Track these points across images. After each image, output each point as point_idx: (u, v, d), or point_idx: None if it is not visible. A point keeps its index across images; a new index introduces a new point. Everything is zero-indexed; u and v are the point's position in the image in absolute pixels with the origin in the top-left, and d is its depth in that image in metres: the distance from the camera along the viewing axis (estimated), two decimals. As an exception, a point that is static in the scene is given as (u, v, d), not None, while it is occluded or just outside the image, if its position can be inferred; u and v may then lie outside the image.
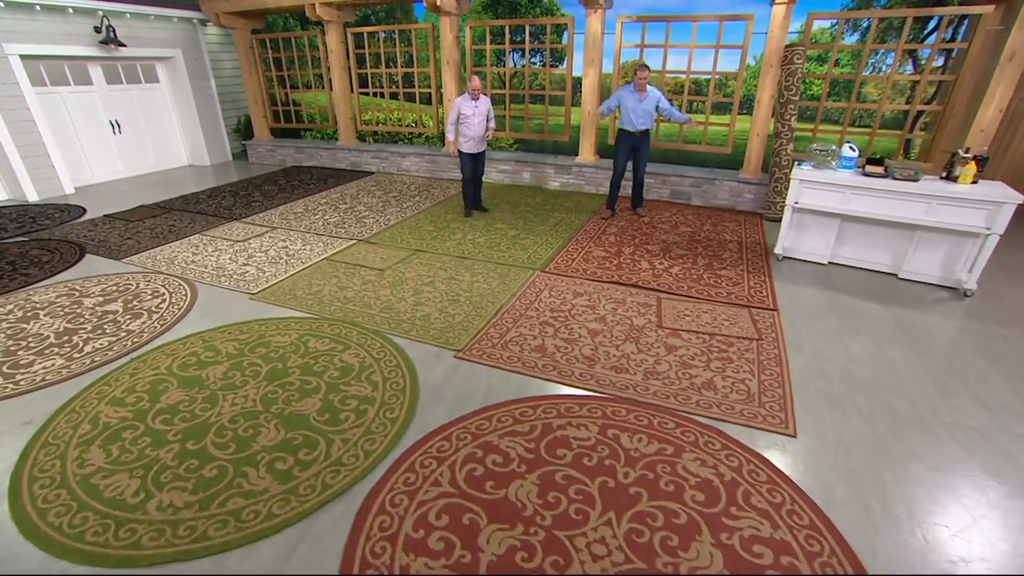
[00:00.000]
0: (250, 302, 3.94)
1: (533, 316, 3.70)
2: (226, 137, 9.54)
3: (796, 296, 4.10)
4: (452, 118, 5.61)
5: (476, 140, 5.68)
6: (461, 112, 5.53)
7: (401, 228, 5.63)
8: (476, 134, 5.63)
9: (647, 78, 5.23)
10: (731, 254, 4.93)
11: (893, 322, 3.71)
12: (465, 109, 5.53)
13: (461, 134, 5.65)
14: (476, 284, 4.21)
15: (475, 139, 5.67)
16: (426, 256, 4.82)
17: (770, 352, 3.30)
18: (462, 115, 5.54)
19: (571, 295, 4.03)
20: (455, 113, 5.56)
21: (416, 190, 7.29)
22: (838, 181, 4.31)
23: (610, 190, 5.90)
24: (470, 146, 5.71)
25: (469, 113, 5.54)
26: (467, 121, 5.56)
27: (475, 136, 5.64)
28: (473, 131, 5.60)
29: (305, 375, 3.02)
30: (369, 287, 4.17)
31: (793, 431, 2.60)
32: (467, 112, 5.53)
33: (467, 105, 5.53)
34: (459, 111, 5.54)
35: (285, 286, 4.20)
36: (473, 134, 5.62)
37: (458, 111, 5.54)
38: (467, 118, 5.55)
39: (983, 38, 5.14)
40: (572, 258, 4.77)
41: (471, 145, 5.70)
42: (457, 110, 5.54)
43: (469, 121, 5.56)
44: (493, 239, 5.26)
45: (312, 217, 6.05)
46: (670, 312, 3.78)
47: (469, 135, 5.63)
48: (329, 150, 8.77)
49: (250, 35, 8.58)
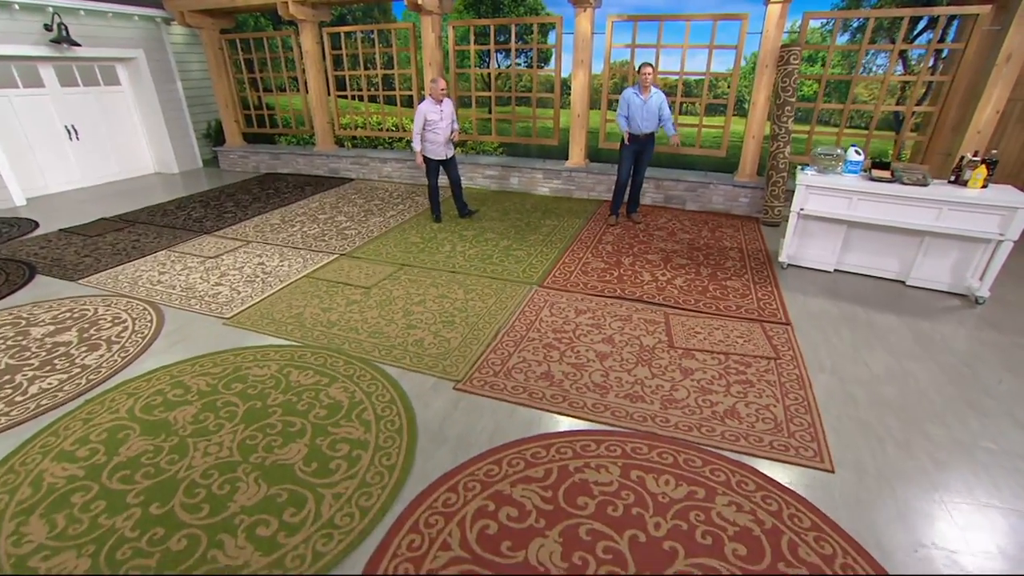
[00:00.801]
0: (224, 328, 3.58)
1: (535, 338, 3.43)
2: (196, 143, 9.04)
3: (807, 308, 3.92)
4: (418, 126, 5.26)
5: (443, 145, 5.39)
6: (428, 119, 5.22)
7: (386, 240, 5.30)
8: (443, 139, 5.35)
9: (651, 75, 5.03)
10: (734, 263, 4.74)
11: (910, 334, 3.56)
12: (432, 115, 5.23)
13: (428, 141, 5.35)
14: (471, 302, 3.93)
15: (443, 144, 5.38)
16: (414, 271, 4.51)
17: (791, 372, 3.10)
18: (429, 122, 5.24)
19: (573, 312, 3.77)
20: (421, 120, 5.22)
21: (399, 198, 6.96)
22: (845, 186, 4.15)
23: (614, 196, 5.71)
24: (438, 152, 5.41)
25: (436, 119, 5.25)
26: (435, 127, 5.28)
27: (442, 141, 5.35)
28: (441, 136, 5.32)
29: (288, 415, 2.69)
30: (355, 308, 3.85)
31: (830, 465, 2.38)
32: (434, 118, 5.24)
33: (433, 111, 5.23)
34: (425, 118, 5.22)
35: (262, 308, 3.85)
36: (441, 140, 5.34)
37: (424, 118, 5.22)
38: (434, 124, 5.26)
39: (979, 38, 5.07)
40: (570, 270, 4.52)
41: (437, 151, 5.41)
42: (423, 117, 5.21)
43: (437, 127, 5.28)
44: (484, 250, 4.98)
45: (290, 229, 5.67)
46: (680, 329, 3.56)
47: (437, 141, 5.34)
48: (306, 156, 8.37)
49: (218, 35, 8.12)
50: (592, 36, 6.14)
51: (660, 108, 5.15)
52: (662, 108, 5.15)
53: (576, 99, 6.47)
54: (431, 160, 5.48)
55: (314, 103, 7.91)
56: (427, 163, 5.49)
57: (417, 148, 5.38)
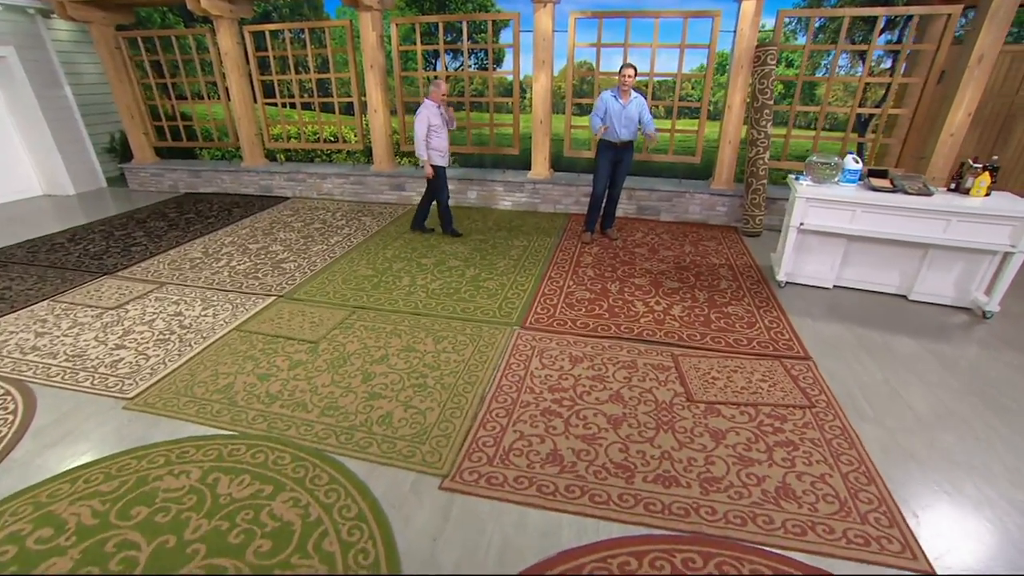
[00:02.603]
0: (124, 415, 2.73)
1: (530, 402, 2.82)
2: (96, 159, 7.76)
3: (819, 334, 3.55)
4: (421, 133, 4.78)
5: (447, 150, 5.01)
6: (431, 123, 4.80)
7: (331, 274, 4.51)
8: (447, 144, 5.00)
9: (633, 78, 4.54)
10: (728, 283, 4.33)
11: (935, 361, 3.24)
12: (436, 120, 4.83)
13: (432, 147, 4.90)
14: (444, 354, 3.26)
15: (447, 149, 5.00)
16: (370, 315, 3.78)
17: (831, 424, 2.66)
18: (432, 126, 4.82)
19: (568, 361, 3.19)
20: (424, 126, 4.77)
21: (343, 219, 6.14)
22: (849, 199, 3.81)
23: (588, 210, 5.20)
24: (444, 159, 5.05)
25: (439, 123, 4.87)
26: (439, 132, 4.89)
27: (446, 146, 5.01)
28: (445, 142, 4.97)
29: (216, 555, 1.94)
30: (300, 372, 3.09)
31: (927, 564, 1.92)
32: (437, 122, 4.85)
33: (434, 114, 4.83)
34: (429, 122, 4.78)
35: (179, 381, 3.01)
36: (446, 146, 4.99)
37: (428, 123, 4.77)
38: (438, 128, 4.87)
39: (950, 39, 4.93)
40: (553, 303, 3.94)
41: (444, 158, 5.05)
42: (427, 122, 4.77)
43: (441, 132, 4.90)
44: (449, 283, 4.31)
45: (215, 265, 4.76)
46: (694, 375, 3.06)
47: (442, 147, 4.96)
48: (232, 172, 7.33)
49: (114, 32, 6.93)
50: (553, 34, 5.60)
51: (641, 114, 4.68)
52: (643, 114, 4.69)
53: (538, 104, 5.91)
54: (440, 168, 5.03)
55: (238, 112, 6.92)
56: (436, 171, 5.01)
57: (424, 157, 4.89)
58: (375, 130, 6.54)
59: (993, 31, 4.67)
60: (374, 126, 6.52)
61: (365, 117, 6.65)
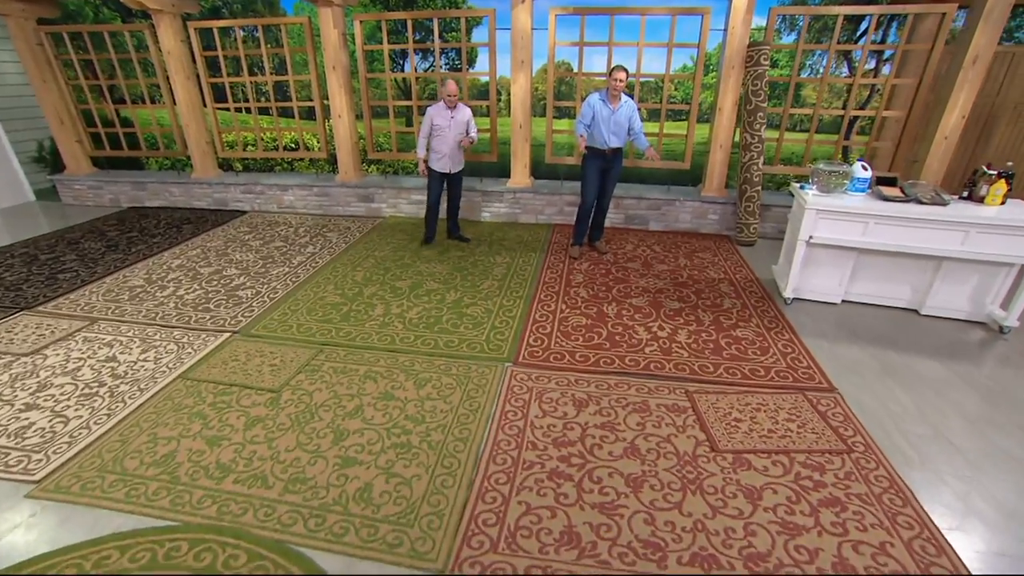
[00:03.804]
0: (26, 506, 2.19)
1: (534, 461, 2.41)
2: (20, 170, 6.95)
3: (837, 359, 3.27)
4: (424, 131, 4.72)
5: (450, 157, 4.78)
6: (434, 124, 4.66)
7: (295, 303, 4.00)
8: (451, 150, 4.75)
9: (625, 81, 4.18)
10: (731, 301, 4.02)
11: (965, 385, 3.00)
12: (439, 120, 4.65)
13: (432, 149, 4.77)
14: (428, 402, 2.82)
15: (449, 156, 4.77)
16: (340, 354, 3.30)
17: (876, 474, 2.34)
18: (435, 127, 4.67)
19: (571, 405, 2.80)
20: (427, 125, 4.70)
21: (307, 235, 5.59)
22: (861, 210, 3.55)
23: (576, 223, 4.82)
24: (443, 164, 4.81)
25: (444, 125, 4.65)
26: (441, 135, 4.69)
27: (449, 152, 4.75)
28: (447, 146, 4.72)
29: None
30: (259, 432, 2.60)
31: (1028, 668, 1.61)
32: (441, 123, 4.65)
33: (442, 115, 4.65)
34: (432, 122, 4.66)
35: (106, 451, 2.48)
36: (447, 150, 4.74)
37: (431, 123, 4.67)
38: (441, 131, 4.67)
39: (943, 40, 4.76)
40: (546, 332, 3.55)
41: (443, 163, 4.80)
42: (429, 122, 4.67)
43: (443, 135, 4.69)
44: (428, 310, 3.86)
45: (159, 294, 4.17)
46: (714, 416, 2.71)
47: (443, 151, 4.74)
48: (182, 184, 6.65)
49: (35, 26, 6.16)
50: (532, 32, 5.20)
51: (631, 120, 4.33)
52: (632, 120, 4.34)
53: (516, 107, 5.51)
54: (435, 172, 4.86)
55: (185, 117, 6.26)
56: (430, 175, 4.88)
57: (421, 155, 4.81)
58: (340, 137, 6.01)
59: (988, 32, 4.52)
60: (338, 132, 5.99)
61: (328, 122, 6.11)
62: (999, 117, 5.62)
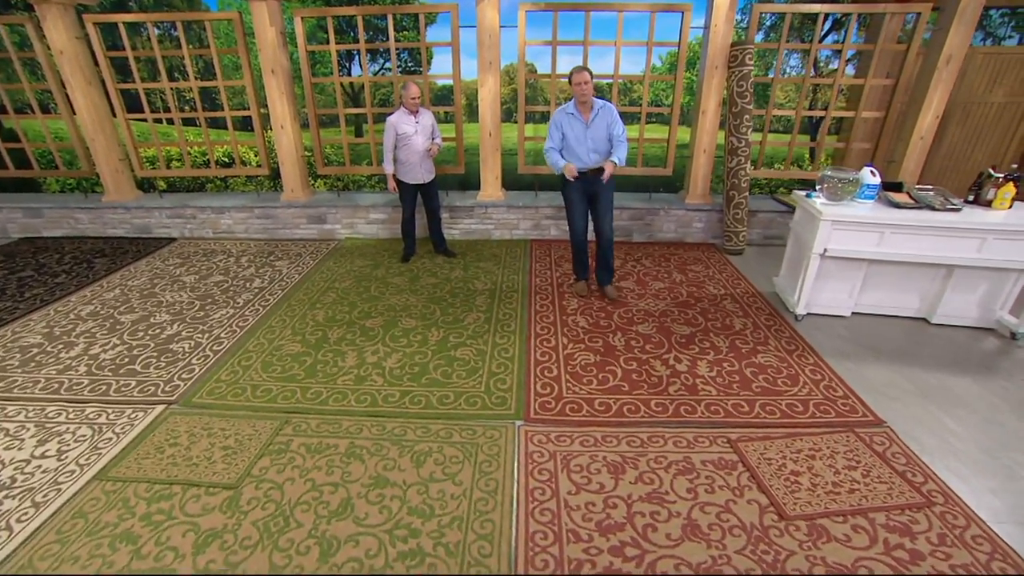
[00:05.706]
0: None
1: (583, 560, 1.94)
2: None
3: (868, 382, 3.02)
4: (389, 143, 4.34)
5: (420, 165, 4.42)
6: (399, 132, 4.29)
7: (247, 356, 3.31)
8: (419, 158, 4.39)
9: (589, 83, 3.50)
10: (741, 321, 3.73)
11: (1008, 407, 2.81)
12: (405, 127, 4.29)
13: (400, 160, 4.41)
14: (433, 486, 2.28)
15: (417, 164, 4.41)
16: (312, 424, 2.68)
17: (971, 534, 2.05)
18: (401, 136, 4.30)
19: (606, 472, 2.35)
20: (391, 136, 4.30)
21: (251, 265, 4.84)
22: (876, 219, 3.32)
23: (574, 255, 4.14)
24: (414, 175, 4.45)
25: (410, 132, 4.30)
26: (407, 143, 4.32)
27: (418, 161, 4.39)
28: (416, 155, 4.37)
29: None
30: (216, 555, 1.96)
31: None
32: (408, 130, 4.29)
33: (406, 122, 4.29)
34: (396, 131, 4.28)
35: (-11, 612, 1.77)
36: (416, 159, 4.38)
37: (395, 132, 4.28)
38: (408, 139, 4.31)
39: (919, 39, 4.71)
40: (553, 376, 3.08)
41: (413, 173, 4.45)
42: (393, 131, 4.28)
43: (410, 143, 4.32)
44: (411, 355, 3.29)
45: (64, 355, 3.35)
46: (767, 470, 2.35)
47: (412, 160, 4.38)
48: (91, 210, 5.65)
49: None
50: (500, 30, 4.72)
51: (611, 127, 3.62)
52: (613, 127, 3.62)
53: (486, 113, 5.01)
54: (406, 185, 4.50)
55: (89, 130, 5.31)
56: (401, 188, 4.54)
57: (389, 171, 4.47)
58: (282, 150, 5.28)
59: (961, 31, 4.50)
60: (281, 144, 5.25)
61: (268, 133, 5.35)
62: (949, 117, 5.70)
